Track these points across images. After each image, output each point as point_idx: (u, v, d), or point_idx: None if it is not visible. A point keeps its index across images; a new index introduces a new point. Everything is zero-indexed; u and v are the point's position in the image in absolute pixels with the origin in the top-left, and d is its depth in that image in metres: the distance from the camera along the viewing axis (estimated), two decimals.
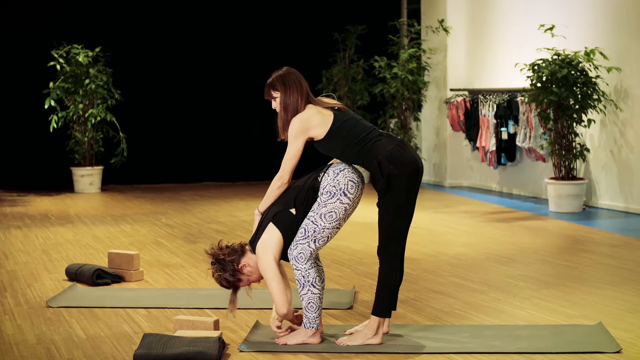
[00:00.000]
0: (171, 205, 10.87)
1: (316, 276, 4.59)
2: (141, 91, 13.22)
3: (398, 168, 4.47)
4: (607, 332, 4.77)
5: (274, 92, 4.67)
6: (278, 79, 4.67)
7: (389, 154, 4.49)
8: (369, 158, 4.52)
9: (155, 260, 7.24)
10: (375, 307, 4.60)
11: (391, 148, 4.51)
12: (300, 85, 4.64)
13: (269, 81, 4.70)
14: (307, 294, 4.58)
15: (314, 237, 4.56)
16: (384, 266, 4.57)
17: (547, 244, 7.86)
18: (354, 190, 4.55)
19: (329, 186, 4.55)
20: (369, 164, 4.52)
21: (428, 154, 13.44)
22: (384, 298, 4.58)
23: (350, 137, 4.56)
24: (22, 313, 5.45)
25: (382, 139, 4.56)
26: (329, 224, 4.55)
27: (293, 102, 4.61)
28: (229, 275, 4.67)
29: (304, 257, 4.56)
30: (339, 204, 4.53)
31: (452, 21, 12.72)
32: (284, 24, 13.69)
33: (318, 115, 4.59)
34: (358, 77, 13.09)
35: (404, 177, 4.49)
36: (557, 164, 9.99)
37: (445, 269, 6.73)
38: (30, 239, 8.37)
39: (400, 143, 4.56)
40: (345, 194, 4.53)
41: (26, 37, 12.69)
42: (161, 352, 4.35)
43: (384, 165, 4.47)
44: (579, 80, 9.64)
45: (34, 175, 12.78)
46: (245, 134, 13.76)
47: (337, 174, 4.57)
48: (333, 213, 4.54)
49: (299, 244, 4.57)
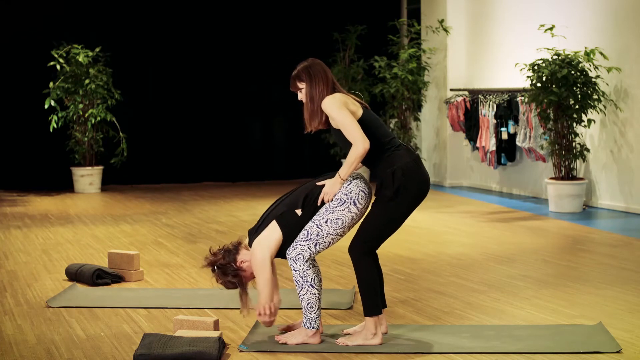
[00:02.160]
0: (171, 205, 10.87)
1: (314, 276, 4.59)
2: (141, 91, 13.22)
3: (410, 182, 4.48)
4: (607, 332, 4.77)
5: (299, 84, 4.65)
6: (303, 70, 4.64)
7: (405, 166, 4.49)
8: (384, 165, 4.51)
9: (155, 260, 7.24)
10: (364, 308, 4.61)
11: (408, 161, 4.52)
12: (325, 75, 4.61)
13: (294, 73, 4.67)
14: (306, 294, 4.58)
15: (316, 240, 4.55)
16: (358, 267, 4.57)
17: (547, 244, 7.86)
18: (364, 201, 4.56)
19: (340, 193, 4.54)
20: (383, 171, 4.51)
21: (428, 154, 13.44)
22: (368, 297, 4.58)
23: (377, 135, 4.53)
24: (22, 313, 5.45)
25: (401, 150, 4.56)
26: (333, 230, 4.54)
27: (319, 93, 4.58)
28: (231, 277, 4.67)
29: (303, 258, 4.56)
30: (347, 212, 4.53)
31: (452, 21, 12.72)
32: (284, 24, 13.69)
33: (350, 100, 4.56)
34: (358, 77, 13.09)
35: (412, 193, 4.52)
36: (557, 164, 9.99)
37: (445, 269, 6.73)
38: (30, 239, 8.37)
39: (417, 158, 4.59)
40: (355, 203, 4.53)
41: (26, 37, 12.69)
42: (161, 352, 4.35)
43: (398, 176, 4.46)
44: (579, 80, 9.64)
45: (34, 175, 12.78)
46: (245, 134, 13.76)
47: (350, 182, 4.55)
48: (339, 220, 4.53)
49: (299, 245, 4.57)
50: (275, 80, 13.64)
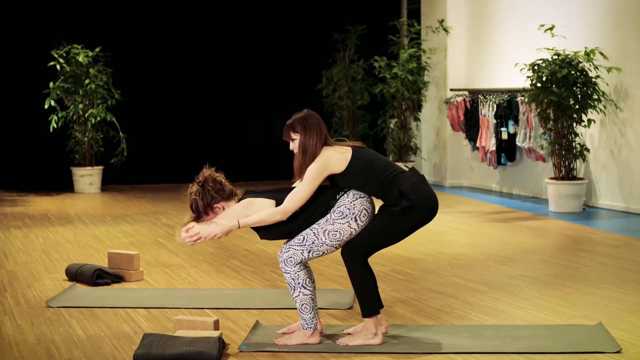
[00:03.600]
0: (171, 205, 10.87)
1: (306, 277, 4.59)
2: (141, 91, 13.22)
3: (418, 200, 4.49)
4: (607, 332, 4.77)
5: (293, 134, 4.67)
6: (299, 121, 4.66)
7: (413, 186, 4.50)
8: (390, 189, 4.52)
9: (155, 260, 7.24)
10: (362, 309, 4.62)
11: (415, 181, 4.53)
12: (320, 129, 4.63)
13: (289, 122, 4.68)
14: (299, 295, 4.59)
15: (310, 247, 4.56)
16: (352, 270, 4.57)
17: (547, 244, 7.86)
18: (365, 219, 4.56)
19: (344, 207, 4.54)
20: (390, 193, 4.51)
21: (428, 154, 13.44)
22: (365, 298, 4.59)
23: (370, 169, 4.55)
24: (22, 313, 5.45)
25: (405, 172, 4.58)
26: (329, 241, 4.55)
27: (312, 146, 4.60)
28: (201, 205, 4.67)
29: (294, 261, 4.58)
30: (347, 227, 4.53)
31: (452, 21, 12.72)
32: (284, 24, 13.68)
33: (336, 154, 4.58)
34: (358, 77, 13.09)
35: (419, 214, 4.53)
36: (557, 164, 9.99)
37: (445, 269, 6.73)
38: (30, 239, 8.37)
39: (424, 179, 4.60)
40: (356, 219, 4.53)
41: (26, 37, 12.69)
42: (161, 352, 4.35)
43: (407, 196, 4.46)
44: (579, 80, 9.64)
45: (34, 175, 12.78)
46: (245, 134, 13.76)
47: (356, 199, 4.55)
48: (337, 233, 4.54)
49: (292, 248, 4.58)
50: (275, 80, 13.64)
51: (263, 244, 7.84)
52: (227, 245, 7.89)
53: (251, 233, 8.52)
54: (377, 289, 4.68)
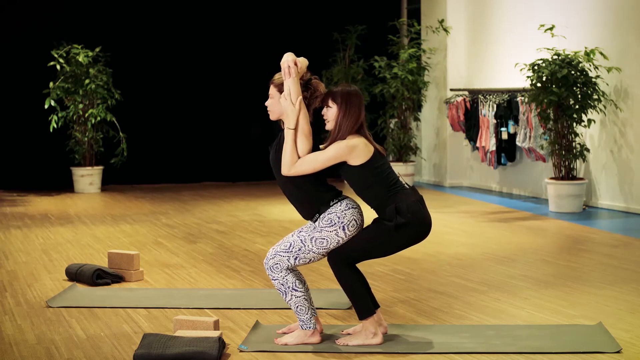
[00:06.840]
0: (171, 205, 10.87)
1: (295, 280, 4.59)
2: (141, 91, 13.22)
3: (412, 220, 4.49)
4: (607, 332, 4.77)
5: (331, 102, 4.60)
6: (343, 94, 4.58)
7: (409, 205, 4.50)
8: (389, 202, 4.52)
9: (155, 260, 7.24)
10: (357, 313, 4.62)
11: (413, 201, 4.53)
12: (359, 113, 4.58)
13: (334, 90, 4.62)
14: (292, 299, 4.59)
15: (297, 255, 4.56)
16: (340, 275, 4.57)
17: (547, 244, 7.86)
18: (354, 229, 4.56)
19: (334, 215, 4.54)
20: (387, 206, 4.51)
21: (428, 154, 13.44)
22: (357, 300, 4.59)
23: (383, 176, 4.55)
24: (22, 313, 5.45)
25: (407, 190, 4.58)
26: (316, 249, 4.55)
27: (347, 126, 4.55)
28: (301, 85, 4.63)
29: (280, 267, 4.58)
30: (334, 236, 4.53)
31: (452, 21, 12.72)
32: (284, 24, 13.68)
33: (364, 146, 4.55)
34: (358, 77, 13.09)
35: (412, 232, 4.53)
36: (557, 164, 9.99)
37: (445, 269, 6.73)
38: (30, 239, 8.37)
39: (422, 200, 4.60)
40: (344, 228, 4.53)
41: (26, 37, 12.69)
42: (161, 352, 4.35)
43: (403, 213, 4.47)
44: (579, 80, 9.65)
45: (34, 175, 12.79)
46: (245, 134, 13.76)
47: (348, 209, 4.55)
48: (325, 241, 4.54)
49: (278, 255, 4.58)
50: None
51: (263, 244, 7.84)
52: (227, 245, 7.89)
53: (251, 233, 8.54)
54: (369, 289, 4.66)
